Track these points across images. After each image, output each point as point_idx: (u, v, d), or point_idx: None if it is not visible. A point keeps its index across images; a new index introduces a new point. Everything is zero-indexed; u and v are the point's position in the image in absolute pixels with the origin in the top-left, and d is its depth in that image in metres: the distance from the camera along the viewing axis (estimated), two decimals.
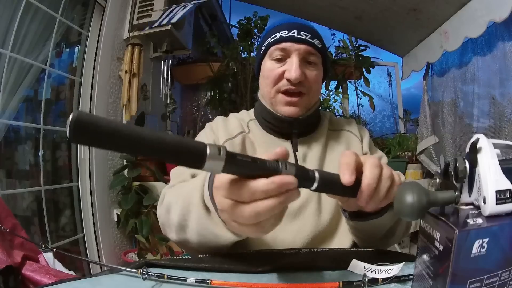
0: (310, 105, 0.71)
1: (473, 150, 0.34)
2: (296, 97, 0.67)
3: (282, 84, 0.67)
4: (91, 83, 1.82)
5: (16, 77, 1.45)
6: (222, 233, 0.44)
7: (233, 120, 0.76)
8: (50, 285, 0.45)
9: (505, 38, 1.61)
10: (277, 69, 0.67)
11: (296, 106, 0.68)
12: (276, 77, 0.67)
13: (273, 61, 0.68)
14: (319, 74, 0.70)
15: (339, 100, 2.45)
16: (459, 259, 0.29)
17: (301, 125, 0.71)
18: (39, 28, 1.56)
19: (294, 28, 0.66)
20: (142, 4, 1.98)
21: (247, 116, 0.77)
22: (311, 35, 0.67)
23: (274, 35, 0.67)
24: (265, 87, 0.70)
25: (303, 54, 0.66)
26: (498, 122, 1.67)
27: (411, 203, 0.37)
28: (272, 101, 0.69)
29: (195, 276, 0.42)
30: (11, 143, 1.60)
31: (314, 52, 0.67)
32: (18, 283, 0.73)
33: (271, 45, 0.68)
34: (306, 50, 0.66)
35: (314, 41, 0.67)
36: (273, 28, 0.70)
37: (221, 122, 0.74)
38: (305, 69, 0.67)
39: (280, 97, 0.68)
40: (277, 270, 0.47)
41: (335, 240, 0.66)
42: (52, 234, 1.63)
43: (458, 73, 1.99)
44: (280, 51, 0.67)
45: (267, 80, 0.69)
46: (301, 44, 0.66)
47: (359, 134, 0.77)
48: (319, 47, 0.68)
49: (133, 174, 1.81)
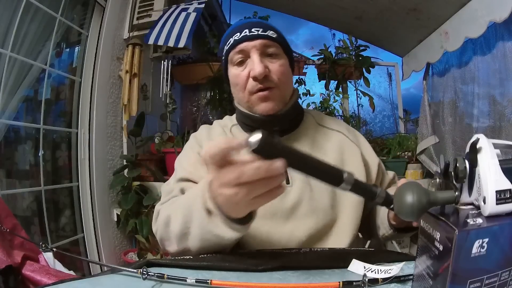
0: (285, 97, 0.71)
1: (473, 150, 0.34)
2: (267, 91, 0.67)
3: (251, 85, 0.67)
4: (91, 83, 1.82)
5: (16, 77, 1.45)
6: (223, 232, 0.46)
7: (216, 127, 0.77)
8: (50, 285, 0.45)
9: (505, 38, 1.61)
10: (242, 73, 0.68)
11: (270, 101, 0.68)
12: (244, 80, 0.67)
13: (236, 66, 0.69)
14: (283, 63, 0.69)
15: (339, 100, 2.45)
16: (459, 259, 0.29)
17: (282, 121, 0.71)
18: (39, 28, 1.56)
19: (245, 28, 0.67)
20: (142, 4, 1.98)
21: (229, 122, 0.78)
22: (263, 28, 0.67)
23: (229, 41, 0.69)
24: (237, 93, 0.71)
25: (261, 49, 0.66)
26: (498, 122, 1.67)
27: (411, 203, 0.37)
28: (249, 104, 0.70)
29: (195, 276, 0.42)
30: (11, 143, 1.60)
31: (271, 44, 0.68)
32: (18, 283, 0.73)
33: (229, 52, 0.69)
34: (262, 44, 0.66)
35: (268, 33, 0.67)
36: (226, 36, 0.71)
37: (204, 132, 0.76)
38: (267, 63, 0.67)
39: (254, 97, 0.68)
40: (277, 270, 0.47)
41: (331, 239, 0.66)
42: (52, 234, 1.63)
43: (458, 73, 1.98)
44: (238, 54, 0.68)
45: (237, 86, 0.69)
46: (256, 40, 0.66)
47: (354, 139, 0.76)
48: (274, 37, 0.68)
49: (133, 174, 1.81)
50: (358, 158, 0.72)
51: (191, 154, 0.72)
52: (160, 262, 0.49)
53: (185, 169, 0.69)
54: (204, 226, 0.48)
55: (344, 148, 0.73)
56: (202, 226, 0.48)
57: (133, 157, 1.86)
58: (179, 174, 0.69)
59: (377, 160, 0.77)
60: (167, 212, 0.58)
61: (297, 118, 0.75)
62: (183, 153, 0.75)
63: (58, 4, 1.61)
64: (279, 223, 0.63)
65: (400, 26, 2.14)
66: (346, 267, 0.47)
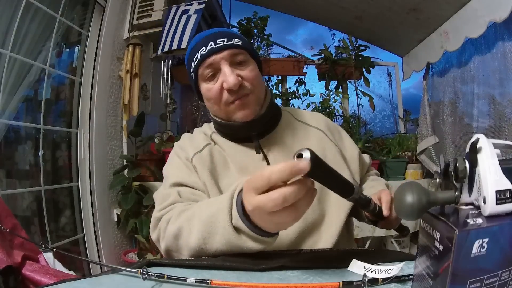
0: (260, 100, 0.71)
1: (473, 150, 0.34)
2: (243, 99, 0.67)
3: (227, 97, 0.67)
4: (91, 83, 1.82)
5: (16, 77, 1.45)
6: (253, 246, 0.47)
7: (198, 134, 0.78)
8: (50, 285, 0.45)
9: (505, 38, 1.61)
10: (215, 86, 0.67)
11: (247, 108, 0.68)
12: (217, 93, 0.67)
13: (207, 81, 0.68)
14: (252, 68, 0.69)
15: (339, 100, 2.45)
16: (459, 259, 0.29)
17: (259, 124, 0.71)
18: (39, 28, 1.56)
19: (210, 41, 0.66)
20: (142, 4, 1.98)
21: (208, 130, 0.79)
22: (227, 38, 0.67)
23: (195, 58, 0.67)
24: (213, 107, 0.71)
25: (230, 59, 0.66)
26: (498, 122, 1.67)
27: (411, 203, 0.37)
28: (226, 114, 0.70)
29: (195, 276, 0.42)
30: (11, 143, 1.60)
31: (238, 51, 0.67)
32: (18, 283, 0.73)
33: (197, 68, 0.68)
34: (230, 53, 0.66)
35: (233, 42, 0.67)
36: (191, 51, 0.70)
37: (187, 140, 0.77)
38: (238, 72, 0.67)
39: (232, 108, 0.68)
40: (277, 269, 0.47)
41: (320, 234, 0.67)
42: (52, 234, 1.63)
43: (458, 73, 1.98)
44: (208, 68, 0.67)
45: (212, 100, 0.69)
46: (223, 51, 0.66)
47: (333, 137, 0.78)
48: (239, 44, 0.68)
49: (133, 174, 1.81)
50: (339, 158, 0.74)
51: (178, 161, 0.73)
52: (160, 262, 0.49)
53: (176, 175, 0.70)
54: (231, 243, 0.49)
55: (325, 147, 0.75)
56: (228, 243, 0.49)
57: (133, 157, 1.86)
58: (172, 180, 0.69)
59: (356, 151, 0.80)
60: (177, 225, 0.57)
61: (274, 118, 0.76)
62: (170, 162, 0.76)
63: (58, 4, 1.61)
64: None
65: (400, 26, 2.14)
66: (346, 267, 0.47)
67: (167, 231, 0.59)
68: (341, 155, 0.75)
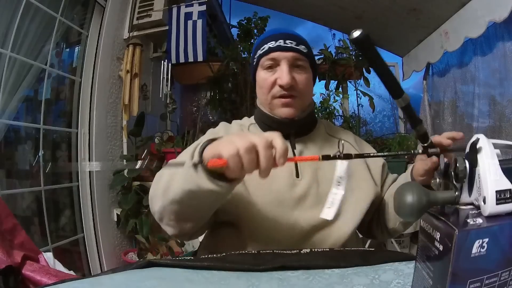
0: (304, 106, 0.76)
1: (473, 150, 0.34)
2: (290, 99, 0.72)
3: (276, 90, 0.72)
4: (91, 83, 1.82)
5: (16, 77, 1.45)
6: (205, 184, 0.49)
7: (234, 126, 0.82)
8: (50, 285, 0.45)
9: (505, 38, 1.61)
10: (270, 78, 0.72)
11: (291, 107, 0.73)
12: (270, 85, 0.73)
13: (265, 70, 0.74)
14: (308, 76, 0.75)
15: (339, 100, 2.45)
16: (459, 259, 0.29)
17: (298, 125, 0.76)
18: (39, 28, 1.56)
19: (280, 38, 0.72)
20: (142, 4, 1.99)
21: (247, 121, 0.83)
22: (296, 42, 0.73)
23: (263, 47, 0.73)
24: (262, 95, 0.76)
25: (291, 61, 0.72)
26: (498, 122, 1.67)
27: (411, 203, 0.37)
28: (270, 106, 0.75)
29: (196, 276, 0.42)
30: (11, 143, 1.60)
31: (301, 57, 0.73)
32: (18, 283, 0.73)
33: (261, 57, 0.74)
34: (293, 56, 0.72)
35: (299, 47, 0.73)
36: (262, 41, 0.75)
37: (222, 128, 0.81)
38: (294, 74, 0.72)
39: (276, 101, 0.73)
40: (277, 270, 0.47)
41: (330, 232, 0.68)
42: (52, 234, 1.63)
43: (458, 73, 1.99)
44: (270, 61, 0.72)
45: (263, 89, 0.74)
46: (288, 52, 0.71)
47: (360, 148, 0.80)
48: (305, 52, 0.73)
49: (133, 174, 1.81)
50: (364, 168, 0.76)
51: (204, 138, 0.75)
52: (161, 262, 0.49)
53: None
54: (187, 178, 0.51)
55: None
56: (186, 179, 0.51)
57: (133, 157, 1.86)
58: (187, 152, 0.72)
59: (380, 162, 0.82)
60: (160, 172, 0.63)
61: (310, 125, 0.81)
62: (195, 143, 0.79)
63: (58, 4, 1.61)
64: (286, 211, 0.67)
65: (400, 26, 2.14)
66: (346, 267, 0.47)
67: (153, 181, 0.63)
68: (366, 165, 0.77)
